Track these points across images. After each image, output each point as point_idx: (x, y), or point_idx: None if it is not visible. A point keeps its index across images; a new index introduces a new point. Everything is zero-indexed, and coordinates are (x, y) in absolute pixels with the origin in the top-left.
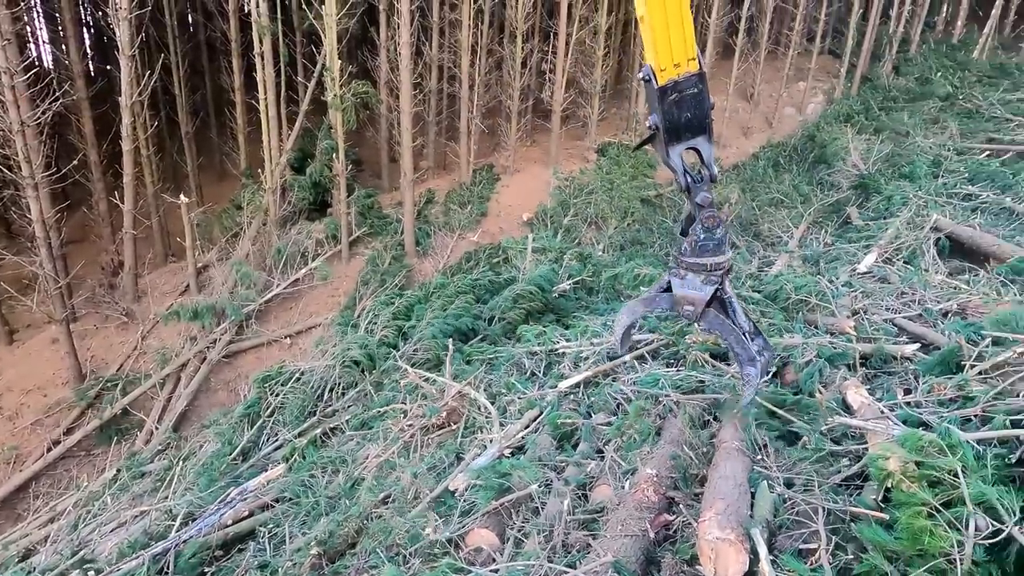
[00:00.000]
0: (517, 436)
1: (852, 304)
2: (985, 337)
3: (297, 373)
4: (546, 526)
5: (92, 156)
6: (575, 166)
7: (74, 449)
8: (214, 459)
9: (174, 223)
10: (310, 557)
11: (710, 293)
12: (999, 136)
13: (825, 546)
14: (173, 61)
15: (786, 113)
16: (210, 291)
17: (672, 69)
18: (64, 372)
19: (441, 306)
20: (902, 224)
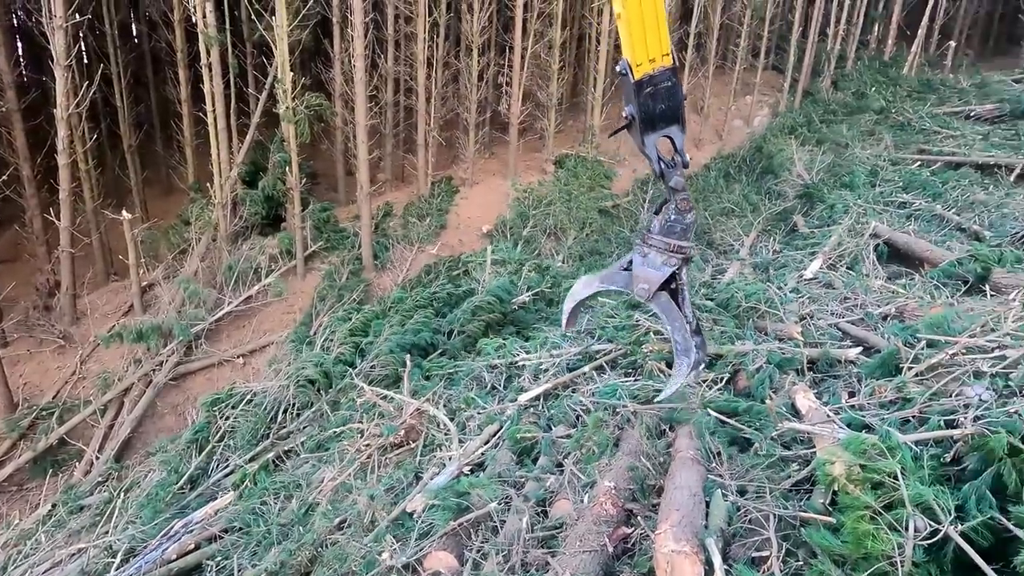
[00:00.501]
0: (476, 452)
1: (799, 310)
2: (920, 339)
3: (249, 394)
4: (505, 546)
5: (25, 170)
6: (533, 178)
7: (4, 484)
8: (159, 489)
9: (116, 240)
10: None
11: (666, 275)
12: (929, 147)
13: (776, 553)
14: (114, 72)
15: (735, 126)
16: (156, 311)
17: (648, 64)
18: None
19: (399, 321)
20: (844, 231)
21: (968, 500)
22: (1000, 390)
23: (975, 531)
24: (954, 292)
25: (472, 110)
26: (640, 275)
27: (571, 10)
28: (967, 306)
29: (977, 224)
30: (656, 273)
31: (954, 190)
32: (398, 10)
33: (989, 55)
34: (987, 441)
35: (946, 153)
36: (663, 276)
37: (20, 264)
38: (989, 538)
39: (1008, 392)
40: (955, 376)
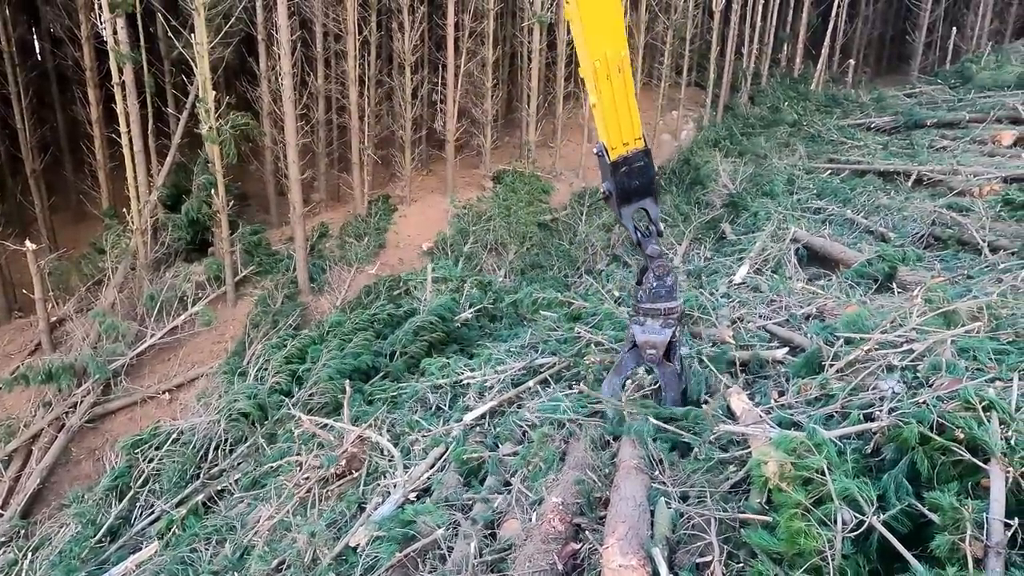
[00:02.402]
0: (422, 477)
1: (731, 314)
2: (839, 337)
3: (175, 432)
4: (454, 573)
5: None
6: (472, 194)
7: None
8: (73, 545)
9: (20, 273)
10: None
11: (669, 335)
12: (837, 156)
13: (719, 557)
14: (13, 92)
15: (663, 139)
16: (68, 348)
17: (622, 147)
18: None
19: (338, 345)
20: (767, 237)
21: (888, 489)
22: (910, 382)
23: (895, 519)
24: (866, 290)
25: (407, 128)
26: (646, 341)
27: (502, 29)
28: (878, 303)
29: (882, 227)
30: (660, 337)
31: (861, 196)
32: (327, 27)
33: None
34: (901, 432)
35: (852, 162)
36: (667, 338)
37: None
38: (908, 525)
39: (917, 383)
40: (871, 371)
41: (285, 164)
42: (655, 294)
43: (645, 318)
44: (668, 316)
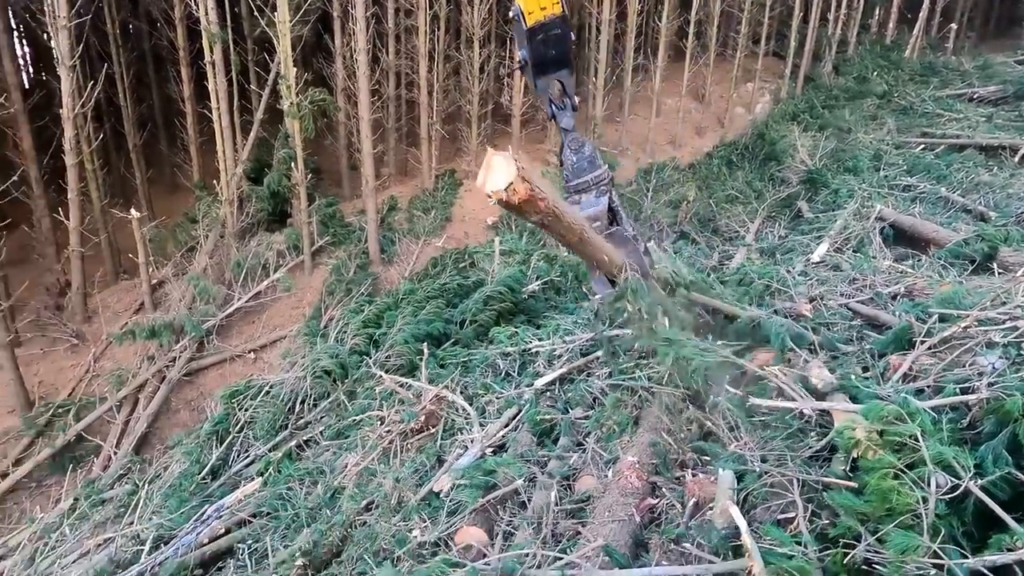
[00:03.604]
0: (498, 435)
1: (808, 292)
2: (932, 315)
3: (266, 386)
4: (534, 519)
5: (32, 172)
6: (537, 169)
7: (24, 481)
8: (182, 479)
9: (124, 239)
10: (295, 568)
11: (606, 203)
12: (932, 130)
13: (803, 514)
14: (117, 71)
15: (736, 113)
16: (167, 308)
17: (539, 12)
18: (9, 400)
19: (412, 312)
20: (849, 215)
21: (985, 459)
22: (1013, 358)
23: (994, 485)
24: (962, 271)
25: (474, 102)
26: (588, 217)
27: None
28: (976, 283)
29: (982, 205)
30: (598, 207)
31: (958, 172)
32: (398, 3)
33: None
34: (1003, 404)
35: (950, 136)
36: (605, 206)
37: (29, 265)
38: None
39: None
40: (968, 348)
41: (358, 139)
42: (578, 168)
43: (579, 195)
44: (599, 184)
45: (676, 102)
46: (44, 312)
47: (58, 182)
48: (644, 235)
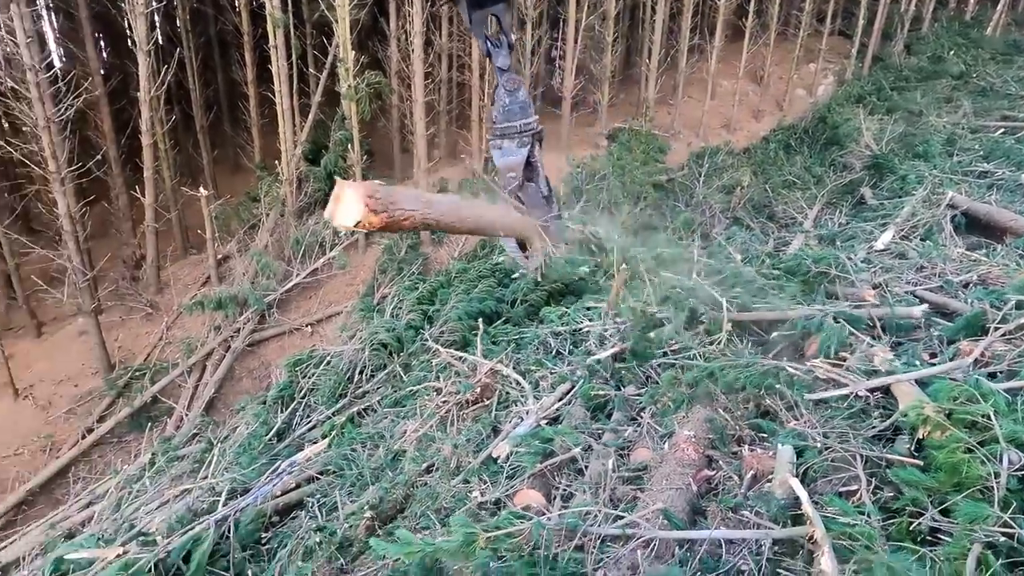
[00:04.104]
0: (552, 408)
1: (872, 279)
2: (1008, 302)
3: (327, 357)
4: (592, 484)
5: (111, 151)
6: (586, 152)
7: (107, 436)
8: (251, 439)
9: (192, 216)
10: (364, 520)
11: (525, 155)
12: (1014, 113)
13: (865, 487)
14: (187, 55)
15: (797, 95)
16: (231, 281)
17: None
18: (93, 363)
19: (464, 290)
20: (918, 202)
21: None
22: None
23: None
24: None
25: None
26: (505, 166)
27: None
28: None
29: None
30: (516, 158)
31: None
32: None
33: None
34: None
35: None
36: (523, 158)
37: (109, 239)
38: None
39: None
40: None
41: (411, 121)
42: (509, 111)
43: (502, 140)
44: (523, 134)
45: (732, 84)
46: (122, 283)
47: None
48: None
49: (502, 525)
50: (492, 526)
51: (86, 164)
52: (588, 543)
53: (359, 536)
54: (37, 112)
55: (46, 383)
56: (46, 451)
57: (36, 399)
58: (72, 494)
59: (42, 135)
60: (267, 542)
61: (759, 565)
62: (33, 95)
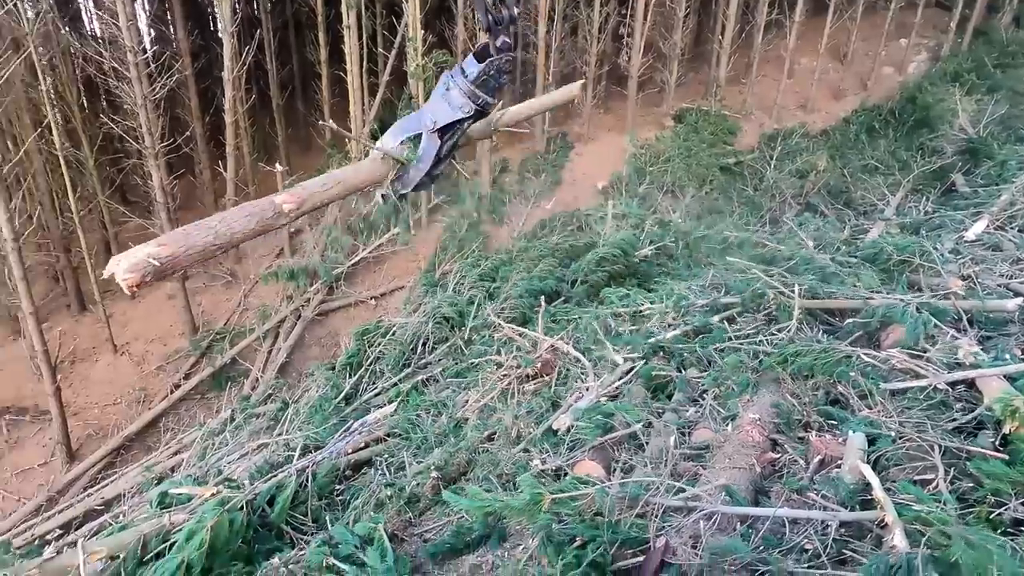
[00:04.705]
0: (612, 386)
1: (960, 270)
2: None
3: (393, 328)
4: (652, 460)
5: (197, 128)
6: (651, 133)
7: (192, 392)
8: (321, 401)
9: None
10: (431, 479)
11: (456, 118)
12: None
13: (943, 476)
14: (265, 37)
15: (884, 73)
16: (302, 254)
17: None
18: (180, 325)
19: (526, 268)
20: (1018, 190)
21: None
22: None
23: None
24: None
25: (591, 63)
26: (433, 108)
27: None
28: None
29: None
30: (450, 112)
31: None
32: None
33: None
34: None
35: None
36: (454, 118)
37: (194, 211)
38: None
39: None
40: None
41: None
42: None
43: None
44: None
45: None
46: None
47: (217, 138)
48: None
49: (566, 489)
50: (556, 489)
51: (176, 141)
52: (649, 512)
53: (425, 494)
54: (136, 91)
55: (140, 341)
56: (140, 403)
57: (132, 355)
58: (162, 442)
59: (140, 113)
60: (340, 494)
61: (824, 544)
62: (132, 75)
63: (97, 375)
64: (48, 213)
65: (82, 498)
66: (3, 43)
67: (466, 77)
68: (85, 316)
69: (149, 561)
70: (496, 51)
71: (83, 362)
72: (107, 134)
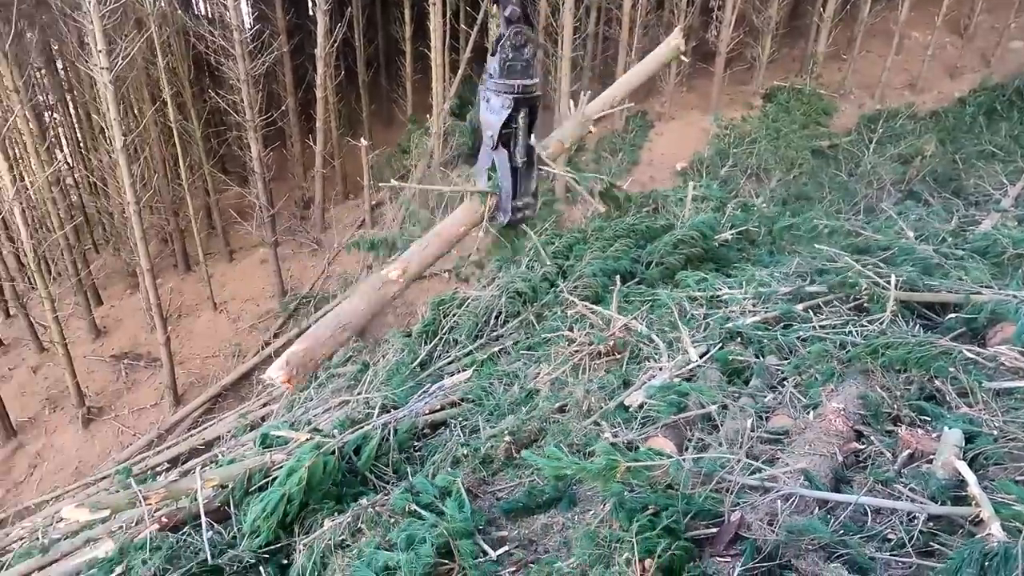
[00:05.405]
0: (686, 368)
1: None
2: None
3: (467, 300)
4: (727, 440)
5: (290, 103)
6: (737, 113)
7: (280, 350)
8: (399, 365)
9: (350, 164)
10: (504, 443)
11: (505, 116)
12: None
13: None
14: (354, 14)
15: (1012, 48)
16: (382, 226)
17: None
18: (271, 287)
19: (601, 247)
20: None
21: None
22: None
23: None
24: None
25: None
26: (485, 124)
27: None
28: None
29: None
30: (497, 119)
31: None
32: None
33: None
34: None
35: None
36: (503, 120)
37: (284, 181)
38: None
39: None
40: None
41: (555, 77)
42: (510, 68)
43: (491, 94)
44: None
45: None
46: (293, 221)
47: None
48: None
49: (641, 459)
50: (631, 458)
51: (271, 115)
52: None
53: (498, 456)
54: (240, 68)
55: (236, 300)
56: (235, 356)
57: (229, 313)
58: (254, 394)
59: (242, 88)
60: (418, 450)
61: (911, 535)
62: (237, 52)
63: (199, 329)
64: (160, 180)
65: (186, 438)
66: (128, 23)
67: (491, 77)
68: (190, 275)
69: (253, 492)
70: (506, 24)
71: (187, 317)
72: (212, 108)
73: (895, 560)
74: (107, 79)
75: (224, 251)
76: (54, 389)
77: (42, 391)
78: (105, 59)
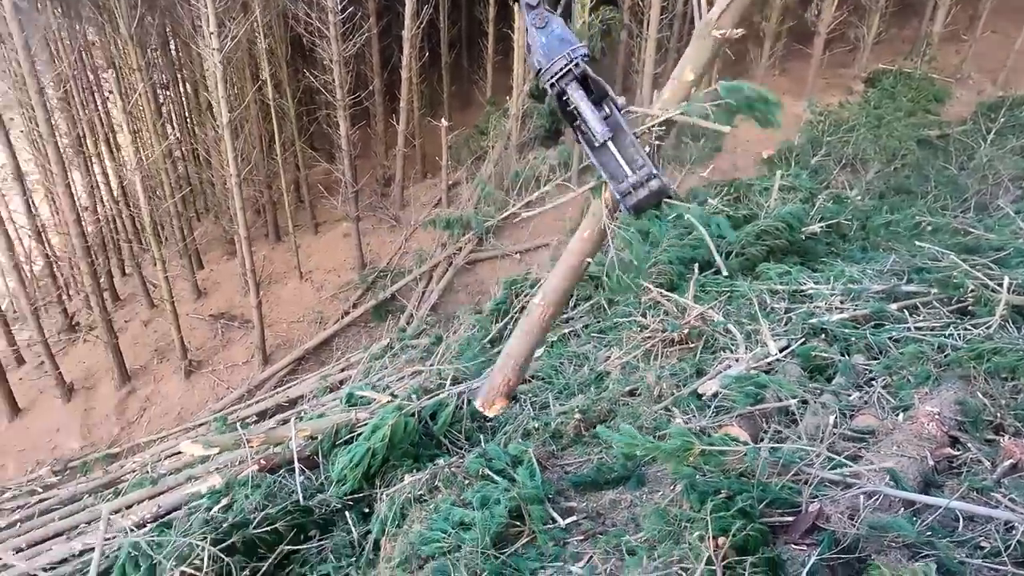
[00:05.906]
0: (765, 361)
1: None
2: None
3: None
4: (808, 434)
5: (376, 84)
6: (835, 98)
7: (358, 320)
8: (470, 340)
9: (429, 144)
10: (574, 420)
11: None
12: None
13: None
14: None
15: None
16: (458, 206)
17: None
18: (351, 260)
19: (678, 235)
20: None
21: None
22: None
23: None
24: None
25: (772, 17)
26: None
27: None
28: None
29: None
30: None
31: None
32: None
33: None
34: None
35: None
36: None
37: (366, 159)
38: None
39: None
40: None
41: (639, 59)
42: (550, 48)
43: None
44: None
45: None
46: (374, 197)
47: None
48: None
49: (716, 443)
50: (707, 442)
51: (359, 95)
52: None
53: (568, 432)
54: (333, 48)
55: (320, 271)
56: (317, 323)
57: (313, 282)
58: (334, 359)
59: (334, 68)
60: (490, 420)
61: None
62: (331, 34)
63: (286, 296)
64: (257, 155)
65: (272, 395)
66: (236, 6)
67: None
68: (279, 245)
69: (339, 445)
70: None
71: (276, 283)
72: (304, 87)
73: (987, 567)
74: (217, 59)
75: (310, 224)
76: (161, 342)
77: (152, 343)
78: (216, 40)
